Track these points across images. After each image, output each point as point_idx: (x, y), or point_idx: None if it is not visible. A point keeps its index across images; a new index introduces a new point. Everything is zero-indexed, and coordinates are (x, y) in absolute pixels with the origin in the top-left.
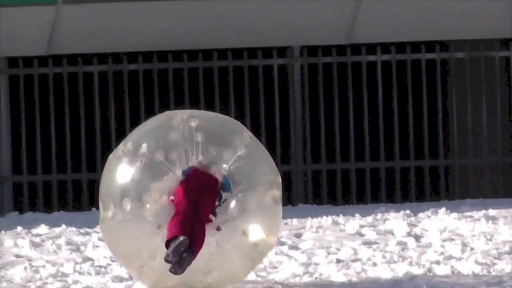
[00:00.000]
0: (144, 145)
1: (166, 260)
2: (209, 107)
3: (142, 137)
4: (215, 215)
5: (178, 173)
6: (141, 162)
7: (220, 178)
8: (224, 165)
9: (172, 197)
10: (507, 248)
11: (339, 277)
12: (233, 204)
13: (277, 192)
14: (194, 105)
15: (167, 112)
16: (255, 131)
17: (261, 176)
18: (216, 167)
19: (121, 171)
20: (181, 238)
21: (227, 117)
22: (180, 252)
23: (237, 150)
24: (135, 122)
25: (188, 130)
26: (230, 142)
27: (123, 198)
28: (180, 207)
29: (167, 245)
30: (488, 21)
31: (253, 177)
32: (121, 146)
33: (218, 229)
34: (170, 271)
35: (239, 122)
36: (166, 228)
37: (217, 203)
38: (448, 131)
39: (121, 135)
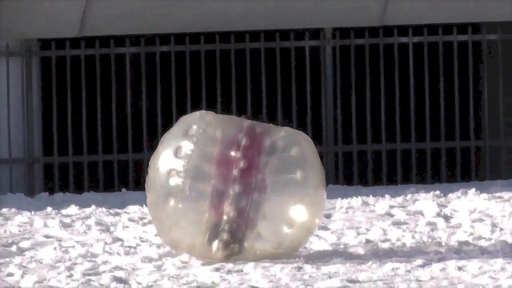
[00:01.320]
0: None
1: None
2: (241, 88)
3: None
4: None
5: None
6: None
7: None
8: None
9: None
10: None
11: (368, 257)
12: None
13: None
14: (226, 86)
15: None
16: (287, 112)
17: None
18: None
19: None
20: None
21: None
22: None
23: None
24: (167, 103)
25: None
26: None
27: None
28: None
29: None
30: None
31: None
32: None
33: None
34: None
35: None
36: None
37: None
38: (480, 112)
39: (152, 116)
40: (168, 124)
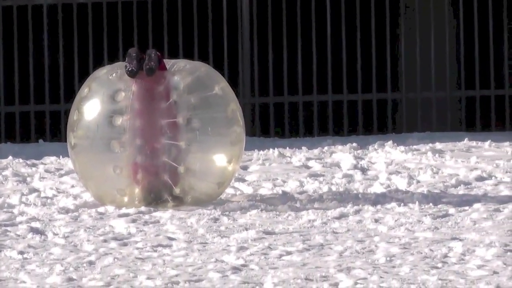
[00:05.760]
0: None
1: (128, 72)
2: (158, 39)
3: None
4: None
5: None
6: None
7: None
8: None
9: None
10: (453, 181)
11: (284, 209)
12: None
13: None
14: (143, 38)
15: None
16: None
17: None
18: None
19: None
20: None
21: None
22: (134, 57)
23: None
24: (84, 55)
25: None
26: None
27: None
28: None
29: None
30: None
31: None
32: None
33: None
34: (145, 69)
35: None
36: None
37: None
38: (396, 63)
39: (69, 67)
40: (85, 75)
